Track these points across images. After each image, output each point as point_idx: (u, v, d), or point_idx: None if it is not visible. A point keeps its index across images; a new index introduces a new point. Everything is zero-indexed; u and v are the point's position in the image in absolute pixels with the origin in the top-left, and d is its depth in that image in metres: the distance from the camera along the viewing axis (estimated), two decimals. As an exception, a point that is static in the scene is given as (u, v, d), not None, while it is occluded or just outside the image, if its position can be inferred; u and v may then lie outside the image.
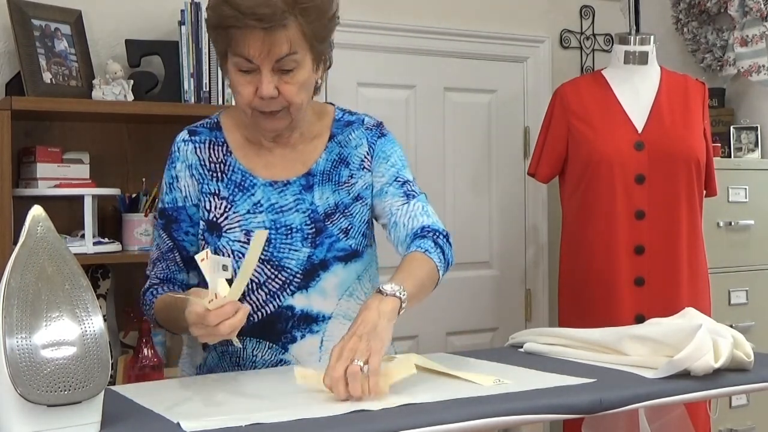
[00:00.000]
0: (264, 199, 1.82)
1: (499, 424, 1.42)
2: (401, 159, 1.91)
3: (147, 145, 2.93)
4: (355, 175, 1.87)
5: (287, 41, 1.67)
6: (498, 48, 3.67)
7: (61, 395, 1.22)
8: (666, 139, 2.95)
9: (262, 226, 1.79)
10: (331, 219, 1.83)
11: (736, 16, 3.71)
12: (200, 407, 1.46)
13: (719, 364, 1.61)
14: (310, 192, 1.84)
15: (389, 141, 1.92)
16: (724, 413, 3.37)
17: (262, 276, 1.79)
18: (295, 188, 1.84)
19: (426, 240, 1.77)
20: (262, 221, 1.80)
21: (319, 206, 1.83)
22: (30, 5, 2.68)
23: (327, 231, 1.82)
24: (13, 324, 1.22)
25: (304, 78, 1.73)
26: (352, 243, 1.83)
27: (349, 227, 1.84)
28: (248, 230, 1.79)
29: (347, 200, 1.85)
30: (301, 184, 1.84)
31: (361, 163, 1.87)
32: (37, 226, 1.30)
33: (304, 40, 1.70)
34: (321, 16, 1.72)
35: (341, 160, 1.87)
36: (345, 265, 1.82)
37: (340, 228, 1.83)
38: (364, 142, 1.89)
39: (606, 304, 2.92)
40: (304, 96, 1.76)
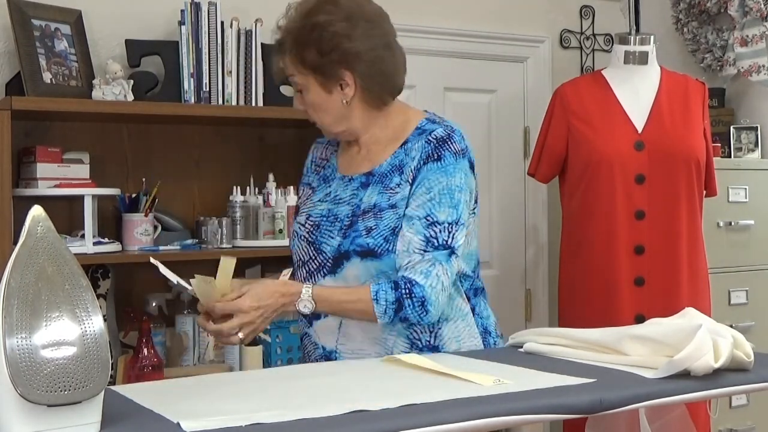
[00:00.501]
0: (333, 190, 2.05)
1: (499, 424, 1.42)
2: (443, 192, 1.93)
3: (147, 145, 2.93)
4: (402, 185, 1.97)
5: (287, 66, 1.98)
6: (498, 48, 3.67)
7: (61, 395, 1.22)
8: (666, 139, 2.95)
9: (320, 215, 2.02)
10: (364, 217, 1.96)
11: (736, 16, 3.71)
12: (200, 407, 1.46)
13: (719, 364, 1.61)
14: (365, 190, 2.00)
15: (441, 167, 1.94)
16: (724, 413, 3.37)
17: (306, 256, 2.03)
18: (356, 184, 2.02)
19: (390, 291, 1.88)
20: (322, 209, 2.03)
21: (363, 203, 1.98)
22: (30, 5, 2.68)
23: (355, 226, 1.96)
24: (13, 324, 1.22)
25: (313, 100, 1.97)
26: (371, 242, 1.93)
27: (374, 228, 1.94)
28: (309, 215, 2.05)
29: (384, 205, 1.96)
30: (361, 181, 2.02)
31: (407, 175, 1.97)
32: (37, 226, 1.30)
33: (302, 66, 1.95)
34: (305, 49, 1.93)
35: (399, 166, 1.99)
36: (361, 260, 1.93)
37: (366, 226, 1.95)
38: (418, 156, 1.97)
39: (606, 304, 2.92)
40: (321, 115, 1.99)
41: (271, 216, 2.87)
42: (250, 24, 2.93)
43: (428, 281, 1.88)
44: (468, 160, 2.00)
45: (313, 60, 1.93)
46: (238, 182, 2.93)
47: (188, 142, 3.00)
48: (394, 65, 2.00)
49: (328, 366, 1.97)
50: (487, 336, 2.11)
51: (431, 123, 2.02)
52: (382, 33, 1.98)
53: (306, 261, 2.02)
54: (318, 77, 1.95)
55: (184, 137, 2.99)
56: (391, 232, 1.93)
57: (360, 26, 1.93)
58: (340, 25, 1.92)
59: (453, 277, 1.94)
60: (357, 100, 1.97)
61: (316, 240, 2.01)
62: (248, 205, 2.88)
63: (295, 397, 1.52)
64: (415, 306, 1.87)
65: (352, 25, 1.93)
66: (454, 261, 1.93)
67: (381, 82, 1.98)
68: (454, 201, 1.94)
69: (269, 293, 1.87)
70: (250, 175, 2.96)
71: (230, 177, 2.99)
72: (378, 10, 2.01)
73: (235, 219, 2.87)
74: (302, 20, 1.94)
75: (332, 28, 1.91)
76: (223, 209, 2.93)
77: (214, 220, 2.83)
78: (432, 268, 1.89)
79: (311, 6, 1.95)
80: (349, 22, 1.92)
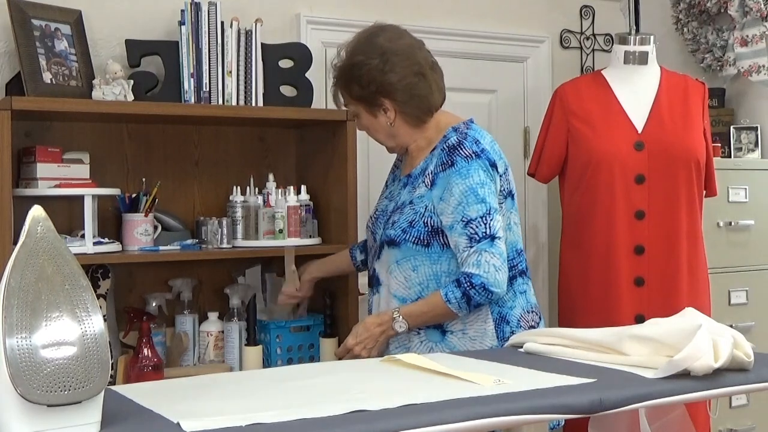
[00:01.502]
0: (393, 188, 2.49)
1: (499, 424, 1.43)
2: (466, 194, 2.24)
3: (147, 145, 2.93)
4: (420, 186, 2.33)
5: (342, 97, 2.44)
6: (498, 48, 3.67)
7: (61, 395, 1.22)
8: (666, 139, 2.95)
9: (378, 209, 2.49)
10: (394, 212, 2.37)
11: (736, 16, 3.71)
12: (200, 407, 1.46)
13: (719, 364, 1.61)
14: (405, 188, 2.39)
15: (456, 172, 2.26)
16: (724, 413, 3.37)
17: (370, 241, 2.50)
18: (401, 184, 2.43)
19: (458, 289, 2.20)
20: (383, 204, 2.48)
21: (399, 201, 2.38)
22: (30, 5, 2.68)
23: (389, 220, 2.38)
24: (13, 324, 1.22)
25: (365, 123, 2.42)
26: (391, 233, 2.34)
27: (396, 221, 2.34)
28: (376, 209, 2.51)
29: (407, 201, 2.35)
30: (404, 182, 2.41)
31: (425, 177, 2.33)
32: (37, 226, 1.30)
33: (351, 98, 2.40)
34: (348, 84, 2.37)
35: (424, 170, 2.35)
36: (388, 248, 2.36)
37: (392, 219, 2.36)
38: (435, 161, 2.32)
39: (606, 304, 2.92)
40: (375, 134, 2.44)
41: (271, 216, 2.87)
42: (250, 24, 2.93)
43: (480, 269, 2.18)
44: (485, 160, 2.28)
45: (357, 93, 2.36)
46: (238, 182, 2.93)
47: (188, 142, 3.00)
48: (427, 89, 2.35)
49: (328, 366, 1.99)
50: (503, 324, 2.29)
51: (453, 131, 2.34)
52: (412, 63, 2.34)
53: (371, 246, 2.50)
54: (364, 106, 2.37)
55: (184, 137, 2.99)
56: (408, 225, 2.30)
57: (391, 60, 2.31)
58: (375, 62, 2.31)
59: (504, 255, 2.23)
60: (399, 120, 2.37)
61: (374, 231, 2.46)
62: (248, 205, 2.88)
63: (295, 397, 1.52)
64: (480, 293, 2.19)
65: (385, 61, 2.31)
66: (498, 243, 2.22)
67: (416, 104, 2.35)
68: (479, 197, 2.23)
69: (365, 328, 2.32)
70: (250, 175, 2.96)
71: (230, 177, 2.99)
72: (409, 43, 2.38)
73: (235, 219, 2.87)
74: (346, 61, 2.36)
75: (368, 65, 2.31)
76: (223, 209, 2.93)
77: (214, 220, 2.83)
78: (480, 257, 2.19)
79: (353, 47, 2.37)
80: (382, 58, 2.31)
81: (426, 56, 2.40)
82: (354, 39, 2.39)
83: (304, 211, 2.90)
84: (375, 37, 2.36)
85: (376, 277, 2.43)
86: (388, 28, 2.40)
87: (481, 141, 2.31)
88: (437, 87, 2.39)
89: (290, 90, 3.02)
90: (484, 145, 2.30)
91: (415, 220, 2.30)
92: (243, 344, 2.74)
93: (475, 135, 2.33)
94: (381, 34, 2.37)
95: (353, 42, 2.38)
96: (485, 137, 2.35)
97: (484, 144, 2.31)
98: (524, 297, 2.39)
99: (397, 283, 2.35)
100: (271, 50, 2.98)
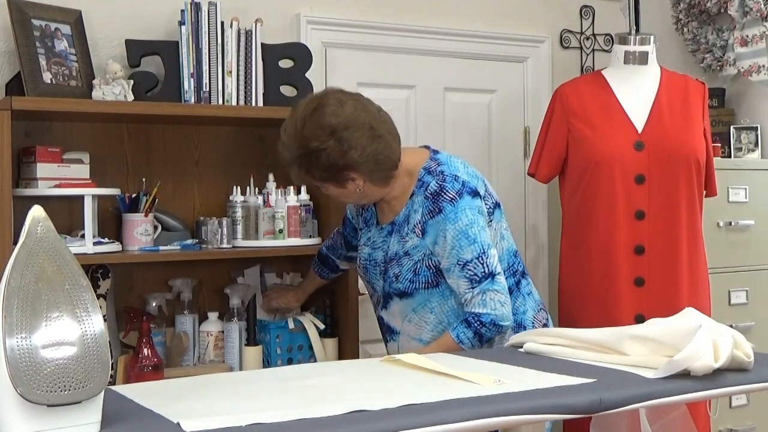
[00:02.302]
0: (372, 236, 2.43)
1: (499, 424, 1.43)
2: (458, 237, 2.22)
3: (147, 145, 2.93)
4: (409, 235, 2.31)
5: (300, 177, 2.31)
6: (498, 48, 3.67)
7: (61, 395, 1.22)
8: (666, 139, 2.95)
9: (363, 258, 2.44)
10: (390, 264, 2.35)
11: (736, 16, 3.71)
12: (200, 407, 1.46)
13: (719, 364, 1.61)
14: (390, 237, 2.37)
15: (445, 218, 2.24)
16: (724, 413, 3.37)
17: (369, 290, 2.48)
18: (384, 232, 2.39)
19: (468, 330, 2.20)
20: (366, 253, 2.43)
21: (390, 250, 2.36)
22: (30, 5, 2.68)
23: (387, 273, 2.36)
24: (13, 324, 1.22)
25: (333, 193, 2.32)
26: (400, 286, 2.32)
27: (398, 274, 2.32)
28: (360, 257, 2.46)
29: (401, 252, 2.32)
30: (388, 230, 2.38)
31: (413, 228, 2.30)
32: (37, 226, 1.30)
33: (313, 179, 2.28)
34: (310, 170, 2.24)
35: (407, 218, 2.32)
36: (400, 299, 2.34)
37: (393, 273, 2.34)
38: (420, 210, 2.29)
39: (606, 304, 2.92)
40: (345, 200, 2.40)
41: (271, 216, 2.87)
42: (250, 24, 2.93)
43: (488, 308, 2.19)
44: (468, 195, 2.26)
45: (320, 176, 2.26)
46: (238, 182, 2.93)
47: (188, 142, 3.00)
48: (387, 147, 2.25)
49: (328, 366, 1.99)
50: (521, 331, 2.30)
51: (428, 174, 2.30)
52: (365, 130, 2.21)
53: (370, 294, 2.49)
54: (330, 182, 2.27)
55: (184, 137, 2.99)
56: (414, 274, 2.30)
57: (345, 137, 2.19)
58: (330, 144, 2.18)
59: (506, 288, 2.24)
60: (368, 185, 2.28)
61: (369, 281, 2.45)
62: (248, 205, 2.88)
63: (295, 397, 1.52)
64: (491, 329, 2.20)
65: (339, 140, 2.18)
66: (499, 279, 2.22)
67: (382, 167, 2.26)
68: (471, 237, 2.22)
69: None
70: (250, 175, 2.96)
71: (230, 177, 2.99)
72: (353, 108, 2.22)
73: (235, 219, 2.86)
74: (298, 150, 2.22)
75: (324, 149, 2.19)
76: (223, 209, 2.93)
77: (214, 220, 2.83)
78: (484, 296, 2.20)
79: (300, 133, 2.21)
80: (335, 137, 2.18)
81: (370, 111, 2.26)
82: (296, 121, 2.23)
83: (304, 211, 2.90)
84: (319, 116, 2.20)
85: (387, 326, 2.42)
86: (325, 100, 2.23)
87: (458, 174, 2.28)
88: (393, 137, 2.28)
89: (290, 90, 3.02)
90: (462, 177, 2.28)
91: (418, 268, 2.29)
92: (243, 344, 2.74)
93: (450, 171, 2.29)
94: (322, 109, 2.21)
95: (297, 126, 2.22)
96: (457, 166, 2.32)
97: (461, 175, 2.28)
98: (531, 298, 2.41)
99: (417, 328, 2.35)
100: (271, 50, 2.98)
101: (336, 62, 3.33)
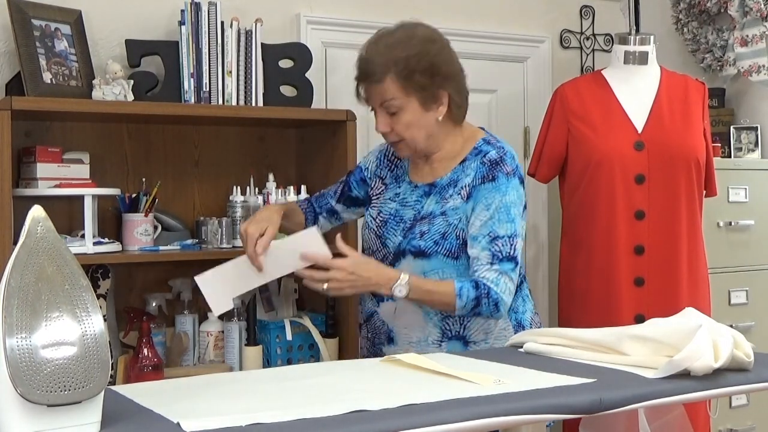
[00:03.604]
0: (402, 192, 2.35)
1: (499, 424, 1.43)
2: (500, 210, 2.20)
3: (147, 145, 2.93)
4: (453, 196, 2.26)
5: (383, 90, 2.21)
6: (498, 48, 3.67)
7: (61, 395, 1.22)
8: (666, 139, 2.95)
9: (388, 212, 2.34)
10: (421, 222, 2.27)
11: (736, 16, 3.71)
12: (200, 407, 1.46)
13: (719, 364, 1.61)
14: (426, 198, 2.30)
15: (496, 187, 2.22)
16: (724, 413, 3.37)
17: (374, 246, 2.35)
18: (420, 191, 2.32)
19: (472, 290, 2.15)
20: (391, 208, 2.34)
21: (423, 210, 2.28)
22: (30, 5, 2.68)
23: (413, 229, 2.27)
24: (13, 324, 1.22)
25: (409, 119, 2.22)
26: (422, 244, 2.24)
27: (426, 232, 2.24)
28: (381, 210, 2.36)
29: (437, 212, 2.26)
30: (424, 190, 2.31)
31: (459, 190, 2.25)
32: (37, 226, 1.30)
33: (401, 88, 2.19)
34: (412, 66, 2.18)
35: (455, 181, 2.27)
36: (414, 258, 2.24)
37: (421, 230, 2.25)
38: (472, 174, 2.25)
39: (606, 304, 2.92)
40: (414, 132, 2.24)
41: (271, 216, 2.86)
42: (250, 24, 2.93)
43: (499, 287, 2.16)
44: (518, 178, 2.25)
45: (420, 83, 2.19)
46: (238, 182, 2.93)
47: (188, 142, 3.00)
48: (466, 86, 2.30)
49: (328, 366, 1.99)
50: (520, 330, 2.29)
51: (487, 144, 2.29)
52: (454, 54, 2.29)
53: (374, 250, 2.35)
54: (420, 98, 2.21)
55: (184, 137, 2.99)
56: (441, 237, 2.23)
57: (446, 50, 2.25)
58: (441, 48, 2.24)
59: (515, 285, 2.21)
60: (446, 117, 2.26)
61: (383, 235, 2.33)
62: (248, 205, 2.88)
63: (295, 397, 1.52)
64: (489, 305, 2.16)
65: (441, 50, 2.24)
66: (516, 270, 2.20)
67: (465, 97, 2.29)
68: (511, 216, 2.20)
69: (367, 268, 2.17)
70: (250, 175, 2.96)
71: (230, 177, 2.99)
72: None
73: (235, 219, 2.86)
74: (406, 50, 2.19)
75: (431, 55, 2.20)
76: (223, 209, 2.93)
77: (214, 220, 2.83)
78: (501, 277, 2.17)
79: (412, 32, 2.25)
80: (441, 48, 2.24)
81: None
82: (403, 27, 2.27)
83: (304, 211, 2.90)
84: (423, 28, 2.28)
85: None
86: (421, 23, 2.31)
87: (515, 157, 2.29)
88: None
89: (290, 90, 3.02)
90: (517, 161, 2.28)
91: (448, 233, 2.23)
92: (243, 344, 2.74)
93: (509, 150, 2.29)
94: (422, 27, 2.28)
95: (406, 29, 2.26)
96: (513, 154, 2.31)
97: (516, 160, 2.29)
98: (529, 299, 2.40)
99: None
100: (271, 50, 2.98)
101: (336, 62, 3.33)
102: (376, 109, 2.25)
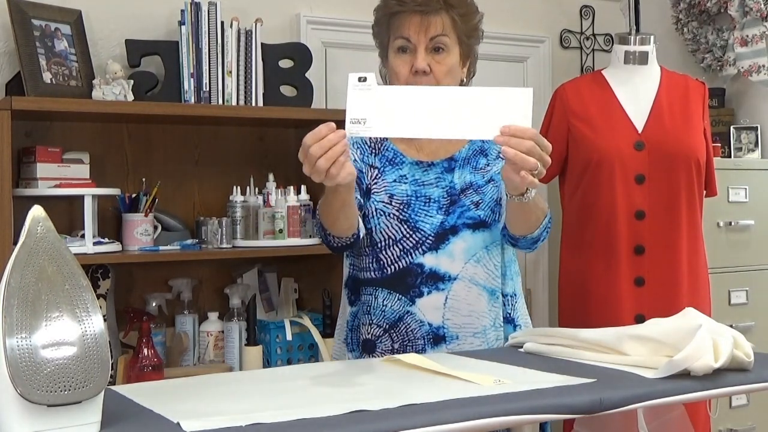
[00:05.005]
0: (410, 173, 2.09)
1: (499, 424, 1.42)
2: None
3: (147, 145, 2.93)
4: (491, 163, 2.11)
5: (440, 23, 2.05)
6: (498, 48, 3.67)
7: (61, 395, 1.22)
8: (666, 139, 2.95)
9: (405, 194, 2.06)
10: (465, 193, 2.07)
11: (736, 16, 3.71)
12: (200, 407, 1.46)
13: (719, 364, 1.61)
14: (451, 173, 2.09)
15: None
16: (724, 413, 3.37)
17: (398, 234, 2.05)
18: (438, 169, 2.10)
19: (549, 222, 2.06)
20: (405, 189, 2.07)
21: (457, 183, 2.08)
22: (30, 5, 2.68)
23: (460, 202, 2.06)
24: (13, 324, 1.22)
25: (452, 63, 2.08)
26: (482, 214, 2.06)
27: (480, 201, 2.06)
28: (392, 194, 2.07)
29: (481, 182, 2.08)
30: (444, 167, 2.10)
31: (498, 154, 2.07)
32: (37, 226, 1.30)
33: (453, 29, 2.07)
34: (467, 17, 2.10)
35: (481, 150, 2.13)
36: (473, 232, 2.05)
37: (472, 201, 2.06)
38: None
39: (606, 304, 2.92)
40: (450, 81, 2.08)
41: (271, 216, 2.87)
42: (250, 24, 2.93)
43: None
44: None
45: (467, 33, 2.11)
46: (238, 182, 2.93)
47: (188, 142, 3.00)
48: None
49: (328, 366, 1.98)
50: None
51: None
52: None
53: (399, 239, 2.05)
54: (462, 50, 2.12)
55: (184, 137, 2.99)
56: (496, 204, 2.07)
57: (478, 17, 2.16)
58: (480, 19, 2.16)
59: None
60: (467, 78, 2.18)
61: (410, 218, 2.05)
62: (248, 205, 2.88)
63: (295, 397, 1.52)
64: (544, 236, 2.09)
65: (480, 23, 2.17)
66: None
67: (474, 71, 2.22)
68: None
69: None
70: (250, 175, 2.96)
71: (230, 177, 2.99)
72: None
73: (235, 219, 2.87)
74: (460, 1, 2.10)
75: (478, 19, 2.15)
76: (223, 209, 2.93)
77: (214, 220, 2.83)
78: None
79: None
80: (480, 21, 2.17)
81: None
82: None
83: (304, 211, 2.90)
84: None
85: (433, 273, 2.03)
86: None
87: None
88: None
89: (290, 90, 3.03)
90: None
91: (500, 198, 2.06)
92: (243, 344, 2.74)
93: None
94: None
95: None
96: None
97: None
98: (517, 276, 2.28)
99: (486, 273, 2.07)
100: (271, 50, 2.98)
101: (336, 62, 3.33)
102: (418, 45, 2.04)
